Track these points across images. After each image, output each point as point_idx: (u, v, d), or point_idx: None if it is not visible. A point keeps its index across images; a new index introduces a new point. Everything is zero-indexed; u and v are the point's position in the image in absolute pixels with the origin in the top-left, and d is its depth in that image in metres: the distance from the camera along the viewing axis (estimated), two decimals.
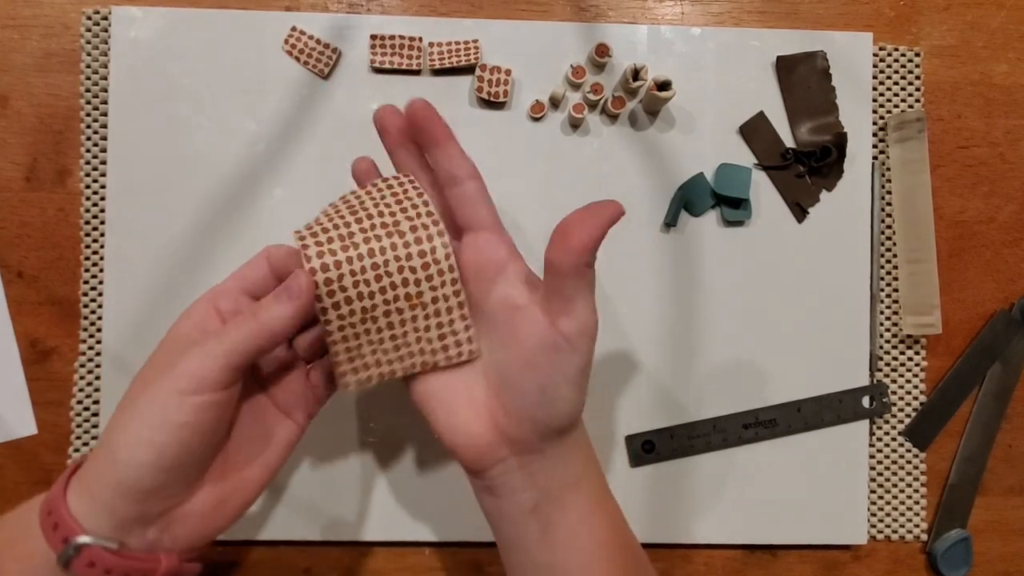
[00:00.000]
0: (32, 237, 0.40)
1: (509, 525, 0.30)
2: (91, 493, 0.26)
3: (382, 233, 0.28)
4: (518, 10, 0.42)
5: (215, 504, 0.29)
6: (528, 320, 0.28)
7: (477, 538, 0.40)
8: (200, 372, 0.26)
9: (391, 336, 0.30)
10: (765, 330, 0.41)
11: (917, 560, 0.42)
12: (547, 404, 0.28)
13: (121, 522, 0.26)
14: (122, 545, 0.26)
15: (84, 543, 0.25)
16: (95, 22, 0.40)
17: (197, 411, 0.26)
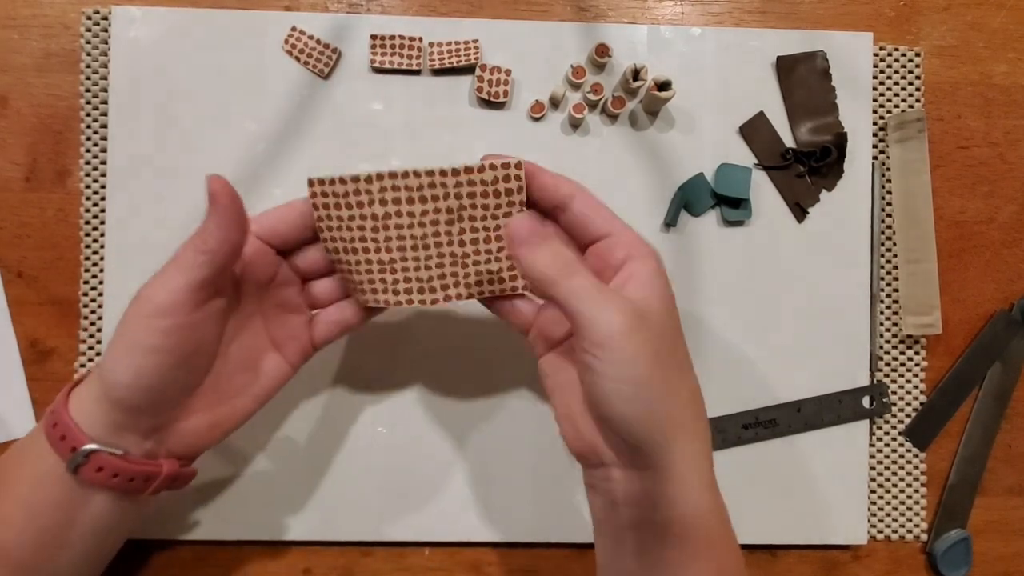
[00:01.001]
0: (32, 237, 0.40)
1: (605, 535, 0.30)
2: (88, 407, 0.28)
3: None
4: (518, 10, 0.42)
5: (208, 425, 0.31)
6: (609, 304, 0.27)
7: (477, 538, 0.40)
8: (159, 297, 0.27)
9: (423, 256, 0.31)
10: (765, 330, 0.41)
11: (917, 560, 0.42)
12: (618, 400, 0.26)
13: (119, 433, 0.28)
14: (126, 452, 0.29)
15: (92, 449, 0.28)
16: (95, 22, 0.40)
17: (164, 335, 0.27)
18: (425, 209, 0.31)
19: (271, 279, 0.32)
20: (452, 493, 0.40)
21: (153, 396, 0.28)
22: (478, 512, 0.40)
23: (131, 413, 0.28)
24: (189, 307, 0.28)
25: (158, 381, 0.28)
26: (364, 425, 0.40)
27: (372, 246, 0.31)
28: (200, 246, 0.27)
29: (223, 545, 0.40)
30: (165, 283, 0.27)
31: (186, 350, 0.28)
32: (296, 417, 0.40)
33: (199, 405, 0.30)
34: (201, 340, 0.29)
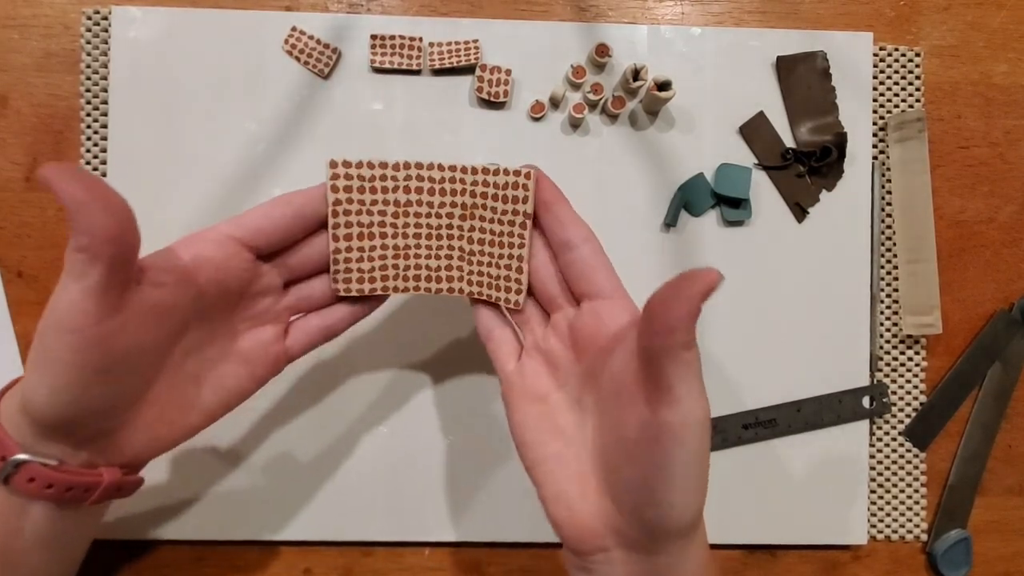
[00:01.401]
0: (32, 237, 0.40)
1: None
2: (16, 417, 0.26)
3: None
4: (518, 10, 0.42)
5: (149, 439, 0.28)
6: (631, 404, 0.25)
7: (477, 538, 0.40)
8: (61, 309, 0.24)
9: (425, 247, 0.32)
10: (765, 330, 0.41)
11: (917, 560, 0.42)
12: (654, 503, 0.25)
13: (50, 443, 0.26)
14: (61, 462, 0.26)
15: (22, 460, 0.26)
16: (95, 22, 0.40)
17: (74, 350, 0.24)
18: (443, 201, 0.32)
19: (245, 289, 0.30)
20: (452, 493, 0.40)
21: (76, 411, 0.26)
22: (478, 512, 0.40)
23: (56, 428, 0.26)
24: (95, 316, 0.24)
25: (77, 397, 0.25)
26: (364, 425, 0.40)
27: (391, 231, 0.32)
28: (74, 246, 0.23)
29: (223, 545, 0.40)
30: (62, 294, 0.24)
31: (105, 363, 0.25)
32: (296, 417, 0.40)
33: (139, 418, 0.28)
34: (126, 350, 0.25)
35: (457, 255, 0.32)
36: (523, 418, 0.29)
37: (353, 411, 0.40)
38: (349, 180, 0.31)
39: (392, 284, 0.32)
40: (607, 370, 0.27)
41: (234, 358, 0.30)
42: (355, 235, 0.31)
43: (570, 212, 0.30)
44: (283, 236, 0.30)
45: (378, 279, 0.32)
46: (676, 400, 0.24)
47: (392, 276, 0.32)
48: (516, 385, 0.30)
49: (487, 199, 0.31)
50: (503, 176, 0.31)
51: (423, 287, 0.33)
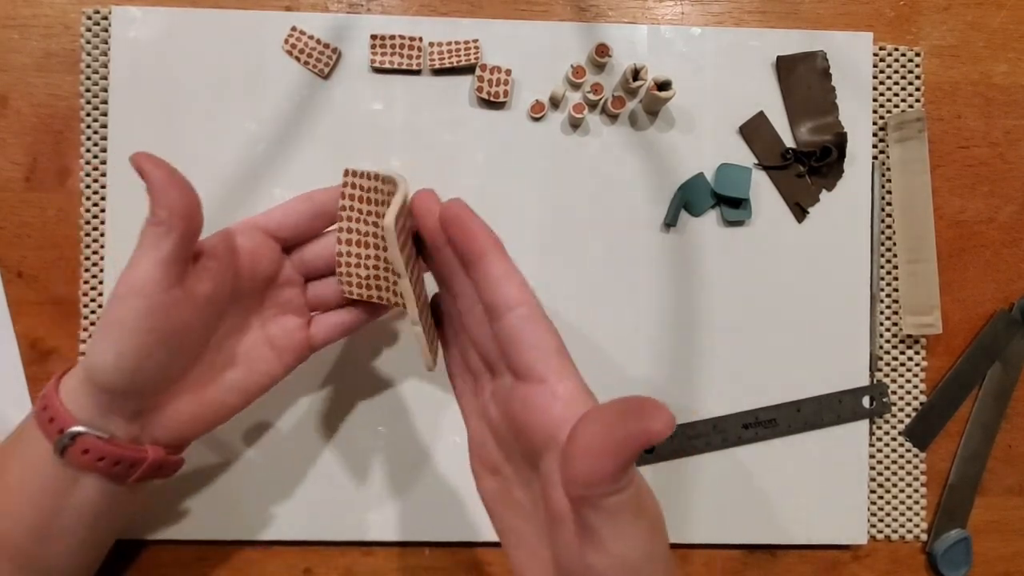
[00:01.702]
0: (32, 237, 0.40)
1: None
2: (75, 390, 0.28)
3: None
4: (518, 10, 0.42)
5: (192, 415, 0.31)
6: (561, 532, 0.23)
7: (477, 538, 0.40)
8: (132, 278, 0.27)
9: None
10: (765, 330, 0.41)
11: (917, 560, 0.42)
12: None
13: (104, 416, 0.28)
14: (112, 436, 0.29)
15: (78, 432, 0.28)
16: (95, 22, 0.40)
17: (141, 315, 0.27)
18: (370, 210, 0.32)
19: (273, 277, 0.32)
20: (452, 493, 0.40)
21: (135, 377, 0.28)
22: (478, 512, 0.40)
23: (115, 395, 0.28)
24: (163, 284, 0.27)
25: (138, 362, 0.27)
26: (365, 425, 0.40)
27: (383, 244, 0.31)
28: (152, 220, 0.27)
29: (223, 545, 0.40)
30: (135, 265, 0.27)
31: (166, 331, 0.28)
32: (297, 417, 0.40)
33: (184, 394, 0.30)
34: (182, 323, 0.28)
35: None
36: (485, 486, 0.28)
37: (354, 411, 0.40)
38: (354, 189, 0.31)
39: (386, 296, 0.32)
40: (542, 467, 0.24)
41: (264, 343, 0.33)
42: (355, 241, 0.32)
43: (501, 267, 0.25)
44: (304, 229, 0.32)
45: (374, 287, 0.32)
46: (604, 546, 0.21)
47: (385, 288, 0.32)
48: (472, 450, 0.29)
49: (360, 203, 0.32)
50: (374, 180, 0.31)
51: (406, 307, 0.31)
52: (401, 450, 0.40)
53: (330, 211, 0.32)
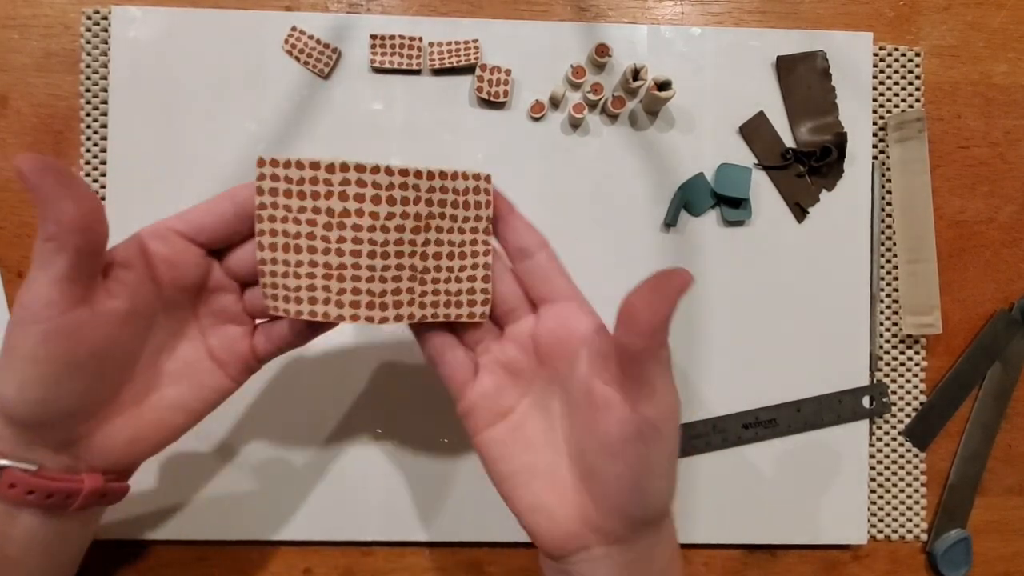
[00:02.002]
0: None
1: None
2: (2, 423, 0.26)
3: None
4: (518, 10, 0.42)
5: (129, 439, 0.28)
6: (608, 405, 0.26)
7: (477, 538, 0.40)
8: (27, 300, 0.24)
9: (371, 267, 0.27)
10: (765, 330, 0.41)
11: (917, 560, 0.42)
12: (638, 497, 0.26)
13: (28, 447, 0.26)
14: (41, 467, 0.26)
15: (2, 466, 0.26)
16: (95, 22, 0.40)
17: (41, 342, 0.24)
18: (392, 212, 0.27)
19: (201, 284, 0.29)
20: (452, 493, 0.40)
21: (46, 408, 0.25)
22: (478, 512, 0.40)
23: (29, 428, 0.26)
24: (61, 306, 0.24)
25: (45, 392, 0.25)
26: (365, 425, 0.40)
27: (320, 246, 0.27)
28: (42, 235, 0.24)
29: (223, 545, 0.40)
30: (30, 285, 0.24)
31: (74, 356, 0.25)
32: (297, 417, 0.40)
33: (117, 417, 0.28)
34: (95, 344, 0.26)
35: (408, 275, 0.28)
36: (490, 436, 0.29)
37: (353, 411, 0.40)
38: (276, 182, 0.27)
39: (322, 309, 0.27)
40: (575, 373, 0.28)
41: (206, 355, 0.30)
42: (280, 246, 0.27)
43: (524, 220, 0.30)
44: (227, 232, 0.28)
45: (304, 300, 0.27)
46: (655, 395, 0.25)
47: (322, 300, 0.27)
48: (479, 405, 0.29)
49: (446, 207, 0.28)
50: (462, 180, 0.28)
51: (362, 315, 0.27)
52: (401, 450, 0.40)
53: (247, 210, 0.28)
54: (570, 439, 0.28)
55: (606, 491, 0.26)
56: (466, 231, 0.29)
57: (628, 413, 0.25)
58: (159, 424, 0.29)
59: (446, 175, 0.28)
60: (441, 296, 0.29)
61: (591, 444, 0.27)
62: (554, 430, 0.29)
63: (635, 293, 0.25)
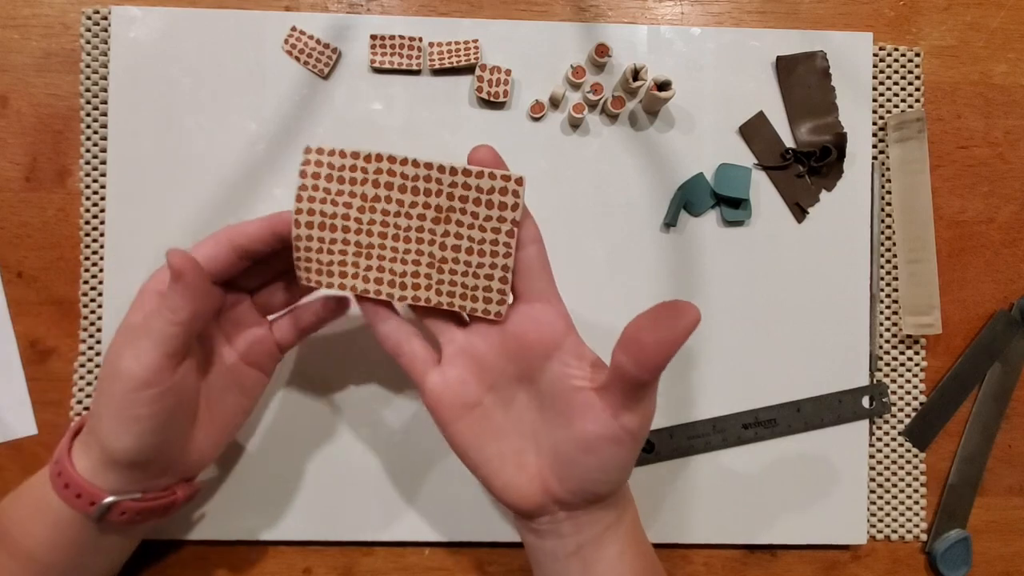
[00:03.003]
0: (32, 237, 0.40)
1: (551, 563, 0.31)
2: (97, 468, 0.30)
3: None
4: (518, 10, 0.42)
5: (209, 446, 0.33)
6: (588, 408, 0.29)
7: (477, 538, 0.40)
8: (137, 372, 0.28)
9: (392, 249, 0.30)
10: (765, 330, 0.41)
11: (917, 560, 0.42)
12: (604, 484, 0.30)
13: (133, 482, 0.30)
14: (144, 490, 0.31)
15: (112, 501, 0.29)
16: (95, 22, 0.40)
17: (153, 403, 0.28)
18: (415, 201, 0.30)
19: (219, 305, 0.32)
20: (452, 493, 0.40)
21: (159, 449, 0.30)
22: (478, 512, 0.40)
23: (141, 468, 0.30)
24: (168, 373, 0.29)
25: (160, 439, 0.29)
26: (365, 425, 0.40)
27: (354, 226, 0.30)
28: (172, 319, 0.28)
29: (223, 545, 0.40)
30: (140, 357, 0.28)
31: (176, 405, 0.30)
32: (296, 417, 0.40)
33: (199, 434, 0.32)
34: (187, 390, 0.30)
35: (427, 262, 0.30)
36: (458, 428, 0.30)
37: (353, 411, 0.40)
38: (319, 167, 0.30)
39: (351, 283, 0.31)
40: (548, 374, 0.30)
41: (240, 361, 0.34)
42: (316, 224, 0.30)
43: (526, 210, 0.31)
44: (229, 271, 0.31)
45: (336, 274, 0.31)
46: (639, 409, 0.28)
47: (351, 275, 0.30)
48: (443, 397, 0.30)
49: (467, 203, 0.30)
50: (488, 180, 0.29)
51: (384, 292, 0.31)
52: (401, 450, 0.40)
53: (253, 249, 0.31)
54: (539, 431, 0.31)
55: (573, 475, 0.29)
56: (487, 229, 0.30)
57: (608, 419, 0.28)
58: (225, 428, 0.34)
59: (470, 172, 0.29)
60: (458, 288, 0.31)
61: (565, 438, 0.29)
62: (521, 420, 0.31)
63: (644, 325, 0.27)
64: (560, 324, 0.30)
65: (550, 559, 0.31)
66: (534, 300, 0.30)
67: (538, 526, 0.31)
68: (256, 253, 0.31)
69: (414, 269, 0.30)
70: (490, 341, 0.31)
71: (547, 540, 0.31)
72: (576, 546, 0.30)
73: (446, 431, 0.31)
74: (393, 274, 0.31)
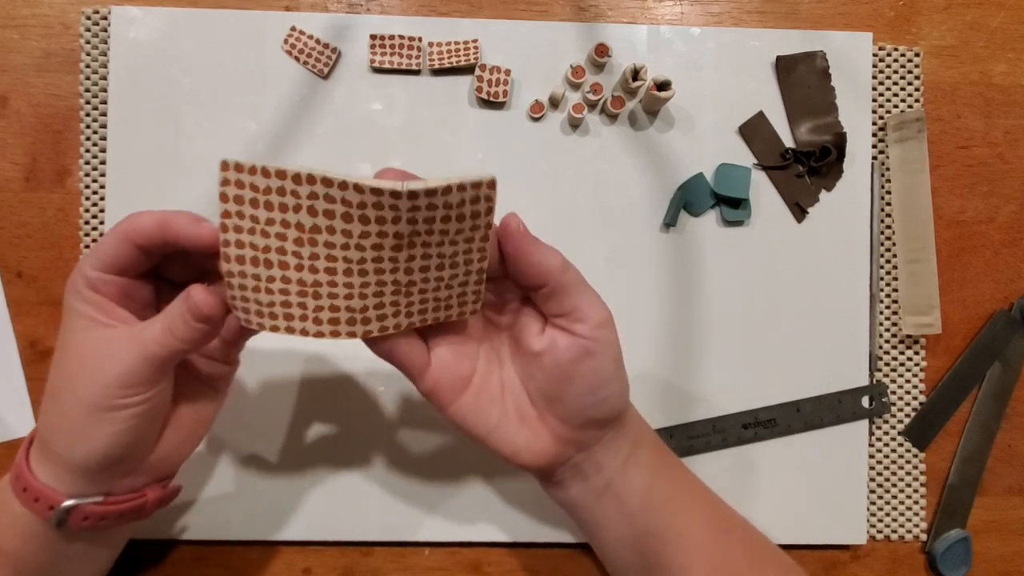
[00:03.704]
0: (32, 237, 0.40)
1: (586, 510, 0.31)
2: (56, 469, 0.28)
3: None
4: (518, 10, 0.42)
5: (178, 444, 0.31)
6: (549, 343, 0.29)
7: (477, 538, 0.40)
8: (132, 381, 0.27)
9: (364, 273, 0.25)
10: (765, 330, 0.41)
11: (917, 560, 0.42)
12: (599, 402, 0.29)
13: (95, 485, 0.28)
14: (107, 494, 0.29)
15: (71, 505, 0.28)
16: (95, 22, 0.40)
17: (142, 410, 0.27)
18: (366, 231, 0.24)
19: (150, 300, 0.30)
20: (452, 493, 0.40)
21: (132, 452, 0.28)
22: (478, 512, 0.40)
23: (105, 471, 0.28)
24: (156, 383, 0.27)
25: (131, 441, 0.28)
26: (365, 425, 0.40)
27: (293, 262, 0.25)
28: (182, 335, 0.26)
29: (223, 545, 0.40)
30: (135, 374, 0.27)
31: (158, 412, 0.29)
32: (296, 418, 0.40)
33: (168, 432, 0.30)
34: (160, 405, 0.29)
35: (391, 290, 0.26)
36: (459, 406, 0.30)
37: (353, 411, 0.40)
38: (241, 188, 0.24)
39: (299, 326, 0.26)
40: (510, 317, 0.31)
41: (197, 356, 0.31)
42: (248, 259, 0.25)
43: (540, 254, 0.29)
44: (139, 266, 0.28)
45: (280, 316, 0.25)
46: (583, 312, 0.28)
47: (299, 316, 0.25)
48: (440, 379, 0.30)
49: (434, 223, 0.24)
50: (456, 193, 0.24)
51: (343, 331, 0.26)
52: (401, 450, 0.40)
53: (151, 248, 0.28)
54: (524, 377, 0.31)
55: (569, 409, 0.29)
56: (459, 242, 0.26)
57: (569, 339, 0.28)
58: (195, 422, 0.31)
59: (434, 192, 0.23)
60: (429, 303, 0.27)
61: (544, 376, 0.29)
62: (511, 374, 0.31)
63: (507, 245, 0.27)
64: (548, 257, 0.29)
65: (585, 509, 0.31)
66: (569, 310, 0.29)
67: (560, 478, 0.31)
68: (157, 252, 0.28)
69: (376, 301, 0.26)
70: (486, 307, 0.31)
71: (574, 488, 0.31)
72: (604, 484, 0.31)
73: (448, 412, 0.30)
74: (351, 311, 0.26)
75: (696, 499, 0.32)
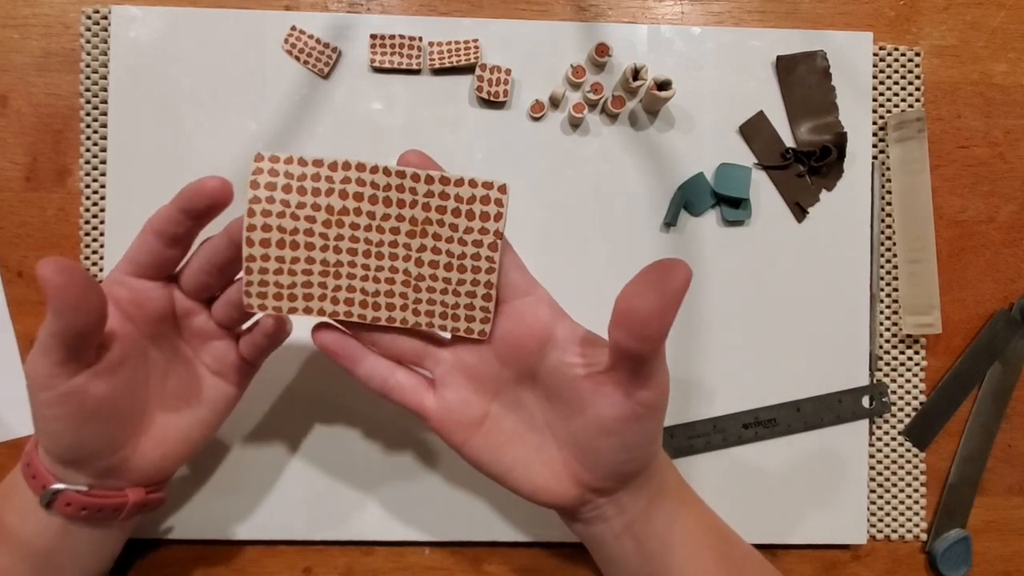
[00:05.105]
0: (32, 237, 0.40)
1: (605, 547, 0.31)
2: (46, 457, 0.30)
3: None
4: (518, 10, 0.42)
5: (161, 457, 0.31)
6: (598, 392, 0.27)
7: (477, 538, 0.40)
8: (31, 377, 0.28)
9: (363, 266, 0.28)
10: (765, 330, 0.41)
11: (917, 560, 0.42)
12: (632, 462, 0.29)
13: (76, 475, 0.30)
14: (91, 486, 0.30)
15: (58, 488, 0.29)
16: (95, 21, 0.40)
17: (52, 405, 0.27)
18: (387, 213, 0.27)
19: (169, 311, 0.30)
20: (452, 493, 0.40)
21: (79, 450, 0.29)
22: (478, 512, 0.40)
23: (71, 463, 0.29)
24: (62, 377, 0.27)
25: (73, 440, 0.29)
26: (365, 425, 0.40)
27: (319, 243, 0.27)
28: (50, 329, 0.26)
29: (223, 545, 0.40)
30: (34, 362, 0.27)
31: (85, 410, 0.28)
32: (296, 417, 0.40)
33: (148, 442, 0.31)
34: (101, 396, 0.28)
35: (401, 279, 0.28)
36: (472, 446, 0.30)
37: (353, 410, 0.40)
38: (274, 177, 0.26)
39: (316, 305, 0.28)
40: (547, 365, 0.29)
41: (206, 372, 0.32)
42: (274, 241, 0.27)
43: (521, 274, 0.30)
44: (162, 260, 0.29)
45: (299, 297, 0.28)
46: (651, 382, 0.27)
47: (317, 296, 0.27)
48: (448, 421, 0.30)
49: (445, 214, 0.27)
50: (468, 188, 0.27)
51: (356, 313, 0.28)
52: (401, 450, 0.40)
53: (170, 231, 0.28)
54: (554, 423, 0.30)
55: (600, 462, 0.28)
56: (468, 243, 0.27)
57: (621, 399, 0.27)
58: (182, 439, 0.32)
59: (448, 180, 0.27)
60: (437, 307, 0.28)
61: (582, 427, 0.28)
62: (533, 417, 0.30)
63: (634, 293, 0.25)
64: (545, 313, 0.29)
65: (602, 544, 0.31)
66: (512, 297, 0.29)
67: (582, 517, 0.30)
68: (175, 235, 0.28)
69: (388, 288, 0.28)
70: (479, 351, 0.30)
71: (594, 526, 0.30)
72: (624, 526, 0.30)
73: (460, 451, 0.30)
74: (365, 293, 0.28)
75: (713, 538, 0.32)
